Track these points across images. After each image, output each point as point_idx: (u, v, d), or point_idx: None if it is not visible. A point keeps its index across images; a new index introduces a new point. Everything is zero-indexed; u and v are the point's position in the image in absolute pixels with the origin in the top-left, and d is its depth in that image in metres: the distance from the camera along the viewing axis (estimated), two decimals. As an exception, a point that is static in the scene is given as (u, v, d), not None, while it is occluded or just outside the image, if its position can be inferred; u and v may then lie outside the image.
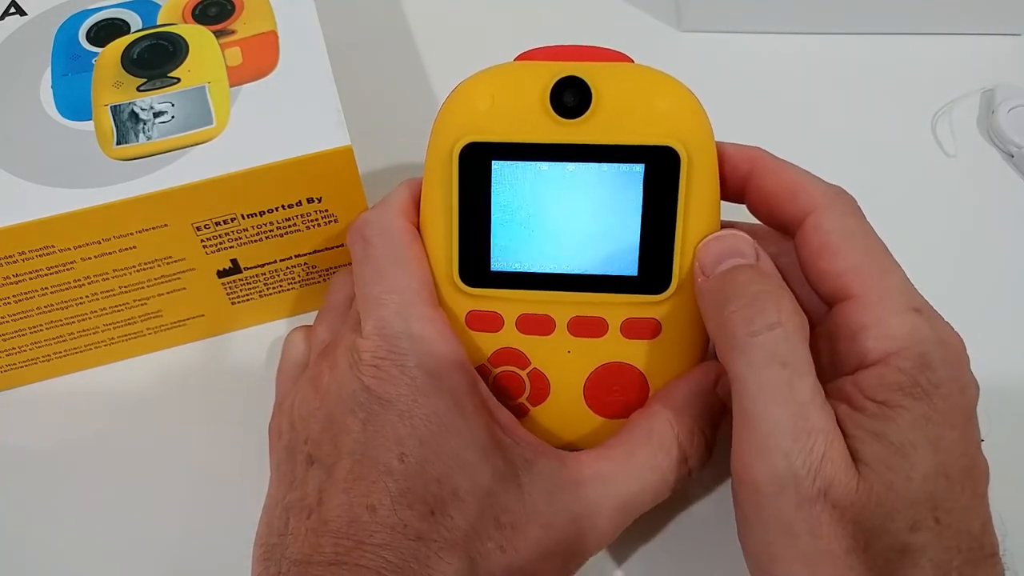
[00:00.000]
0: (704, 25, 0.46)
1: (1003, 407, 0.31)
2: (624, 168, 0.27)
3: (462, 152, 0.27)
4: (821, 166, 0.35)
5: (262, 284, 0.36)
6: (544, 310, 0.29)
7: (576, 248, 0.28)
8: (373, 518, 0.25)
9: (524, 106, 0.27)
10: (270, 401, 0.32)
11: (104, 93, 0.33)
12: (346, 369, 0.27)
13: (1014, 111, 0.42)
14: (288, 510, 0.27)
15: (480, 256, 0.28)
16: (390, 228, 0.29)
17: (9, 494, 0.34)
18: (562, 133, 0.27)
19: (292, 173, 0.31)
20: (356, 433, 0.26)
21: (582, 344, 0.29)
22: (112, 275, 0.33)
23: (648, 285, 0.28)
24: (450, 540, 0.25)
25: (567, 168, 0.27)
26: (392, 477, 0.26)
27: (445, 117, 0.28)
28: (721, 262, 0.27)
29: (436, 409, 0.26)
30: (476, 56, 0.30)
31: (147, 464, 0.34)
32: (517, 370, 0.29)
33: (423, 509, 0.25)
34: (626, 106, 0.27)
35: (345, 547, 0.25)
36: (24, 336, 0.34)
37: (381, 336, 0.27)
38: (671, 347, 0.29)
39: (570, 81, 0.27)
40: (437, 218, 0.28)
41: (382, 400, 0.26)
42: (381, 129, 0.40)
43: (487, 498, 0.26)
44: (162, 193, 0.30)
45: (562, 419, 0.30)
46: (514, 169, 0.28)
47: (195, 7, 0.35)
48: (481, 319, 0.29)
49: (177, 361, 0.37)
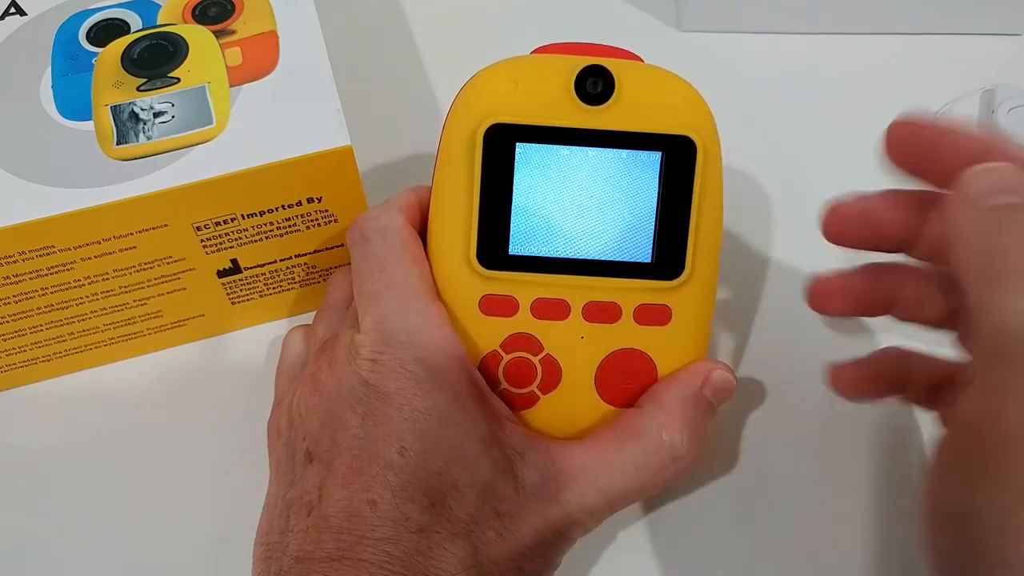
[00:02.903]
0: (704, 25, 0.46)
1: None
2: (643, 155, 0.28)
3: (487, 133, 0.28)
4: (821, 166, 0.35)
5: (262, 284, 0.36)
6: (559, 294, 0.29)
7: (593, 233, 0.29)
8: (374, 512, 0.25)
9: (549, 92, 0.28)
10: (270, 401, 0.32)
11: (104, 93, 0.33)
12: (345, 365, 0.28)
13: (1014, 111, 0.42)
14: (288, 507, 0.27)
15: (499, 238, 0.29)
16: (389, 226, 0.29)
17: (9, 494, 0.34)
18: (586, 119, 0.28)
19: (292, 173, 0.31)
20: (355, 428, 0.27)
21: (596, 330, 0.29)
22: (112, 275, 0.33)
23: (662, 271, 0.29)
24: (452, 531, 0.26)
25: (588, 153, 0.28)
26: (393, 471, 0.26)
27: (466, 99, 0.29)
28: (994, 195, 0.24)
29: (435, 403, 0.26)
30: (476, 56, 0.30)
31: (147, 464, 0.34)
32: (529, 356, 0.29)
33: (424, 502, 0.26)
34: (645, 98, 0.28)
35: (347, 542, 0.25)
36: (24, 336, 0.34)
37: (379, 331, 0.27)
38: (681, 335, 0.29)
39: (594, 69, 0.28)
40: (455, 200, 0.29)
41: (381, 394, 0.27)
42: (381, 129, 0.40)
43: (486, 490, 0.26)
44: (162, 193, 0.30)
45: (572, 407, 0.30)
46: (537, 152, 0.28)
47: (195, 7, 0.35)
48: (496, 303, 0.29)
49: (177, 361, 0.37)
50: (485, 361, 0.29)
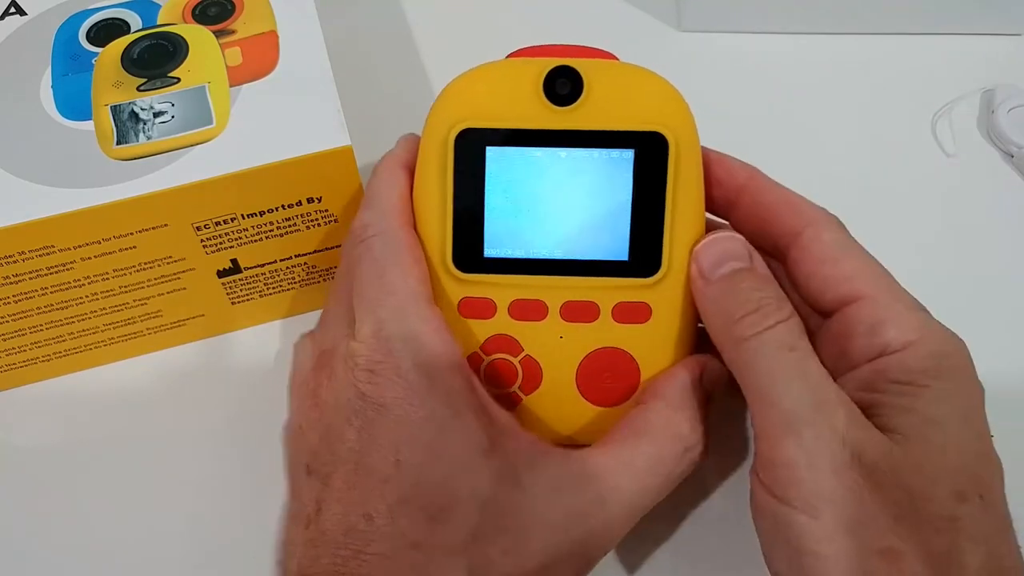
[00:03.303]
0: (704, 25, 0.46)
1: (1002, 407, 0.31)
2: (615, 154, 0.28)
3: (457, 138, 0.28)
4: (821, 166, 0.35)
5: (262, 284, 0.36)
6: (537, 295, 0.29)
7: (568, 233, 0.29)
8: (370, 527, 0.25)
9: (518, 95, 0.28)
10: (270, 401, 0.32)
11: (104, 93, 0.33)
12: (342, 376, 0.27)
13: (1014, 111, 0.42)
14: (291, 520, 0.27)
15: (474, 241, 0.29)
16: (387, 229, 0.29)
17: (9, 494, 0.34)
18: (555, 120, 0.28)
19: (292, 173, 0.31)
20: (352, 441, 0.26)
21: (574, 329, 0.29)
22: (112, 275, 0.33)
23: (638, 269, 0.29)
24: (450, 547, 0.25)
25: (559, 154, 0.28)
26: (389, 484, 0.25)
27: (439, 107, 0.29)
28: (720, 265, 0.28)
29: (433, 412, 0.26)
30: (477, 56, 0.30)
31: (147, 464, 0.34)
32: (509, 357, 0.29)
33: (421, 516, 0.25)
34: (615, 96, 0.28)
35: (342, 557, 0.25)
36: (24, 336, 0.34)
37: (377, 339, 0.27)
38: (661, 331, 0.29)
39: (562, 70, 0.28)
40: (431, 205, 0.29)
41: (377, 405, 0.26)
42: (381, 129, 0.40)
43: (488, 502, 0.25)
44: (162, 193, 0.30)
45: (554, 407, 0.30)
46: (508, 155, 0.28)
47: (195, 7, 0.35)
48: (474, 305, 0.29)
49: (177, 361, 0.37)
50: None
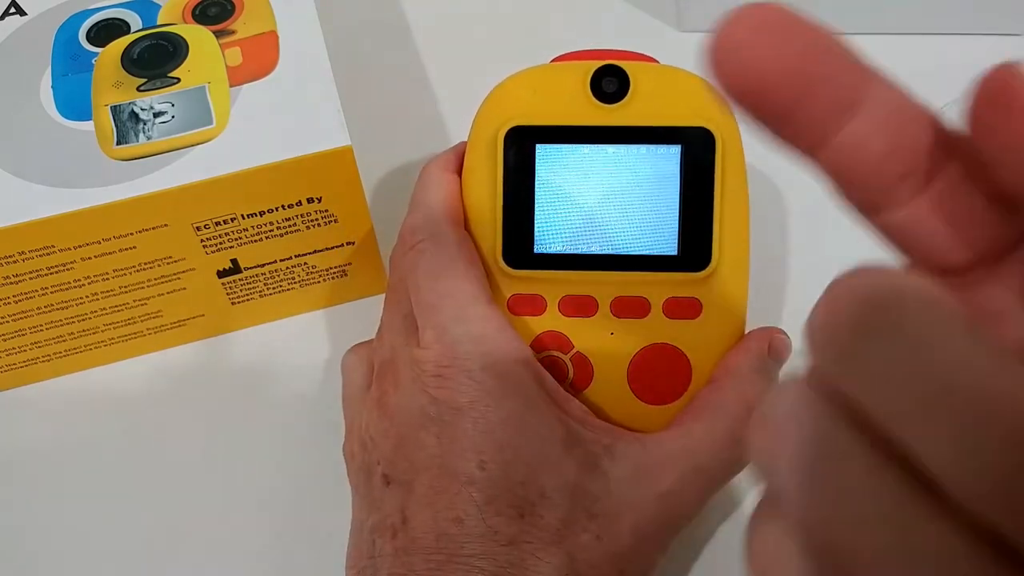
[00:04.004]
0: (704, 25, 0.46)
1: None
2: (662, 149, 0.29)
3: (506, 136, 0.29)
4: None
5: (262, 284, 0.36)
6: (586, 291, 0.29)
7: (617, 228, 0.29)
8: (461, 530, 0.25)
9: (565, 94, 0.29)
10: (270, 401, 0.32)
11: (104, 93, 0.33)
12: (410, 384, 0.27)
13: (1014, 111, 0.42)
14: (372, 532, 0.27)
15: (524, 238, 0.29)
16: (438, 232, 0.29)
17: (9, 494, 0.34)
18: (602, 116, 0.29)
19: (292, 173, 0.31)
20: (431, 447, 0.26)
21: (625, 325, 0.29)
22: (112, 275, 0.33)
23: (688, 263, 0.29)
24: (544, 539, 0.25)
25: (607, 150, 0.29)
26: (475, 486, 0.25)
27: (487, 108, 0.29)
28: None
29: (510, 411, 0.26)
30: (476, 56, 0.30)
31: (147, 464, 0.34)
32: (560, 354, 0.29)
33: (512, 513, 0.25)
34: (661, 94, 0.29)
35: (437, 562, 0.25)
36: (24, 336, 0.34)
37: (441, 343, 0.27)
38: (712, 327, 0.29)
39: (609, 69, 0.29)
40: (481, 203, 0.29)
41: (453, 409, 0.26)
42: (381, 129, 0.40)
43: (575, 492, 0.26)
44: (162, 193, 0.30)
45: (606, 405, 0.30)
46: (557, 152, 0.29)
47: (195, 7, 0.35)
48: (524, 302, 0.29)
49: (177, 361, 0.37)
50: None
